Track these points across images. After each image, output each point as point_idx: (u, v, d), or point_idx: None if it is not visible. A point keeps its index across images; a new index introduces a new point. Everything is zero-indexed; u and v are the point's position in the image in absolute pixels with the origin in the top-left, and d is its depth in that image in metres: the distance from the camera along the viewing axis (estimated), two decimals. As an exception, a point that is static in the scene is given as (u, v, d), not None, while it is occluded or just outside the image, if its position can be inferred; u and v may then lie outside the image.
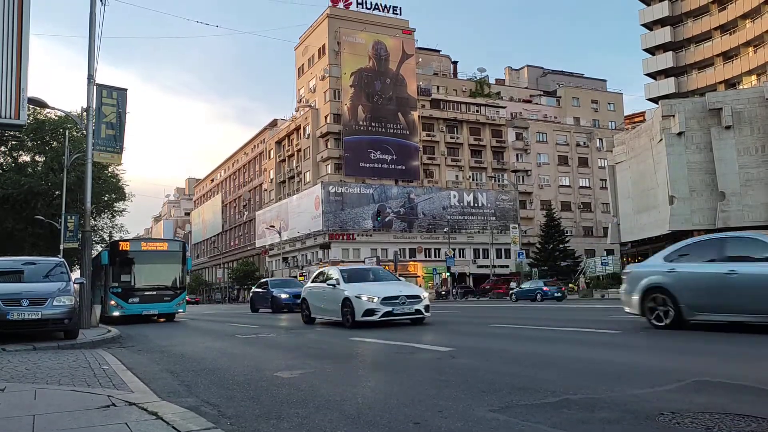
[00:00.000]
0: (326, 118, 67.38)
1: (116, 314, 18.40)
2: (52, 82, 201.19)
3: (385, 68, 68.89)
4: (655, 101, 52.52)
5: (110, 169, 37.28)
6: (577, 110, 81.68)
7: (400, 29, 70.52)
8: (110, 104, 15.12)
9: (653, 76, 58.30)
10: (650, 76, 58.68)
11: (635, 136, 45.20)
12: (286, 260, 68.70)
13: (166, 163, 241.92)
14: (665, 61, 56.66)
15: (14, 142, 34.13)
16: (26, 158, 39.51)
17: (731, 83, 52.38)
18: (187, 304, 23.04)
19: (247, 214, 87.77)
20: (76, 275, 14.23)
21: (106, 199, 39.85)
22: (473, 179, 73.04)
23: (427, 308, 12.20)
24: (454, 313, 18.32)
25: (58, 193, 33.92)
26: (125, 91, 15.60)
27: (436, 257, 63.13)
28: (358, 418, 3.86)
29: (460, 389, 4.69)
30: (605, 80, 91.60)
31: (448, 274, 55.87)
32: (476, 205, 68.92)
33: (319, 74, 69.20)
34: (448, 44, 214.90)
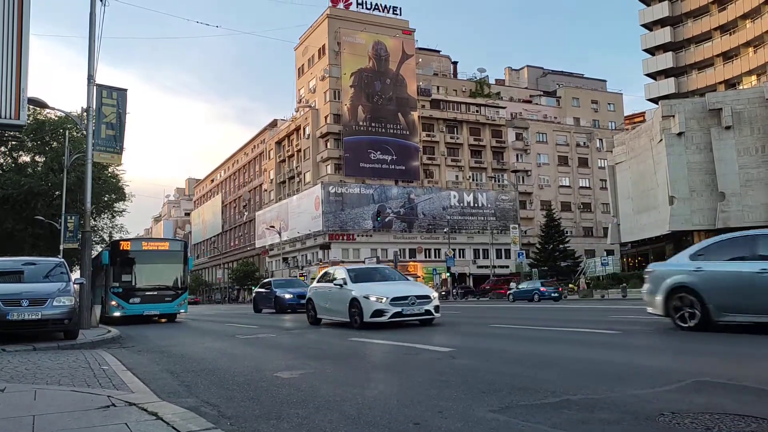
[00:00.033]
0: (326, 118, 67.39)
1: (117, 314, 18.24)
2: (52, 82, 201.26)
3: (385, 68, 68.90)
4: (655, 101, 52.55)
5: (110, 169, 37.29)
6: (577, 110, 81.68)
7: (400, 29, 70.53)
8: (110, 104, 15.12)
9: (653, 76, 58.33)
10: (650, 76, 58.71)
11: (635, 136, 45.22)
12: (286, 260, 68.71)
13: (166, 163, 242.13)
14: (665, 61, 56.69)
15: (14, 142, 34.17)
16: (26, 158, 39.54)
17: (731, 83, 52.40)
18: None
19: (247, 214, 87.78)
20: (76, 275, 14.23)
21: (106, 199, 39.84)
22: (473, 179, 73.05)
23: (437, 309, 11.95)
24: (454, 313, 18.30)
25: (58, 193, 33.91)
26: (125, 91, 15.60)
27: (436, 257, 63.12)
28: (358, 418, 3.86)
29: (460, 389, 4.69)
30: (605, 80, 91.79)
31: (448, 274, 55.86)
32: (476, 205, 68.93)
33: (319, 74, 69.21)
34: (448, 44, 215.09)
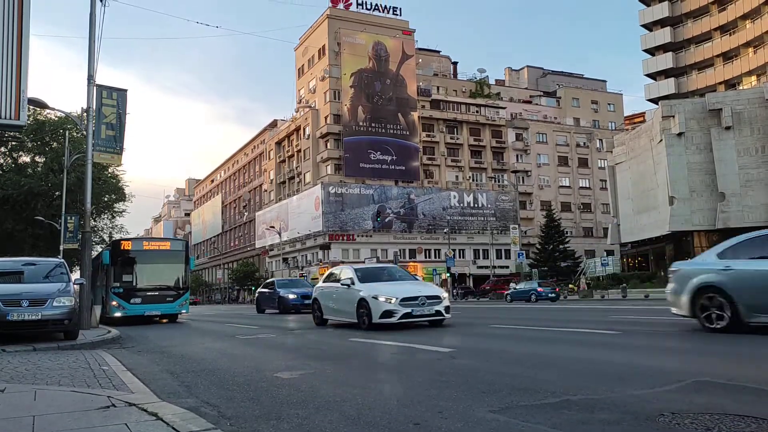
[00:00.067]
0: (326, 118, 67.39)
1: (118, 315, 18.04)
2: (52, 82, 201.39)
3: (385, 69, 68.90)
4: (655, 102, 52.56)
5: (110, 169, 37.30)
6: (577, 111, 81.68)
7: (400, 30, 70.54)
8: (110, 105, 15.11)
9: (653, 76, 58.35)
10: (650, 76, 58.73)
11: (635, 136, 45.22)
12: (286, 261, 68.70)
13: (166, 163, 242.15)
14: (665, 61, 56.70)
15: (14, 142, 34.22)
16: (26, 159, 39.56)
17: (731, 84, 52.40)
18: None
19: (247, 214, 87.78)
20: (75, 276, 14.23)
21: (106, 199, 39.87)
22: (473, 180, 73.05)
23: (447, 309, 11.65)
24: (454, 313, 18.20)
25: (58, 193, 33.92)
26: (125, 91, 15.59)
27: (436, 258, 63.09)
28: (358, 419, 3.86)
29: (460, 390, 4.69)
30: (605, 81, 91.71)
31: (448, 274, 55.79)
32: (476, 205, 68.92)
33: (319, 75, 69.21)
34: (448, 45, 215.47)
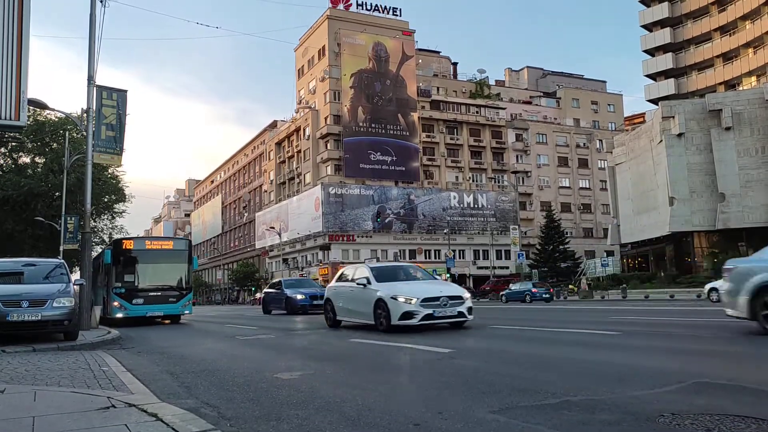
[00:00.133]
0: (326, 119, 67.39)
1: (120, 316, 17.68)
2: (52, 83, 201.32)
3: (385, 69, 68.91)
4: (655, 102, 52.58)
5: (110, 170, 37.32)
6: (577, 111, 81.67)
7: (400, 30, 70.54)
8: (110, 106, 15.11)
9: (653, 77, 58.37)
10: (650, 77, 58.75)
11: (635, 137, 45.26)
12: (286, 261, 68.68)
13: (166, 164, 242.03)
14: (665, 62, 56.72)
15: (14, 143, 34.17)
16: (26, 160, 39.58)
17: (731, 84, 52.43)
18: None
19: (246, 215, 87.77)
20: (75, 276, 14.23)
21: (106, 200, 39.89)
22: (473, 180, 73.04)
23: (470, 310, 11.01)
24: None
25: (58, 194, 33.92)
26: (125, 92, 15.59)
27: (436, 258, 63.07)
28: (358, 419, 3.86)
29: (460, 390, 4.69)
30: (605, 81, 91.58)
31: (448, 275, 55.78)
32: (476, 206, 68.92)
33: (319, 75, 69.22)
34: (448, 46, 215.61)
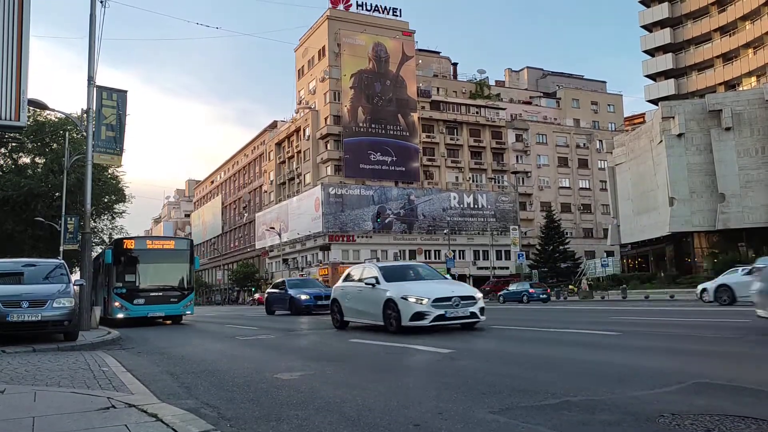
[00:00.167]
0: (326, 119, 67.39)
1: (121, 316, 17.55)
2: (52, 84, 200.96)
3: (385, 70, 68.91)
4: (654, 103, 52.58)
5: (110, 170, 37.31)
6: (576, 112, 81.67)
7: (400, 31, 70.54)
8: (110, 106, 15.12)
9: (653, 77, 58.36)
10: (650, 77, 58.74)
11: (635, 137, 45.26)
12: (286, 262, 68.68)
13: (166, 164, 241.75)
14: (665, 62, 56.72)
15: (14, 143, 34.23)
16: (26, 160, 39.57)
17: (731, 85, 52.43)
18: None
19: (246, 215, 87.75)
20: (75, 277, 14.23)
21: (106, 200, 39.87)
22: (473, 181, 73.04)
23: (482, 311, 10.77)
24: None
25: (58, 194, 33.91)
26: (125, 92, 15.60)
27: (436, 259, 63.02)
28: (358, 420, 3.85)
29: (460, 391, 4.68)
30: (605, 82, 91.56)
31: (448, 275, 55.77)
32: (476, 206, 68.92)
33: (319, 76, 69.22)
34: (448, 46, 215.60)
